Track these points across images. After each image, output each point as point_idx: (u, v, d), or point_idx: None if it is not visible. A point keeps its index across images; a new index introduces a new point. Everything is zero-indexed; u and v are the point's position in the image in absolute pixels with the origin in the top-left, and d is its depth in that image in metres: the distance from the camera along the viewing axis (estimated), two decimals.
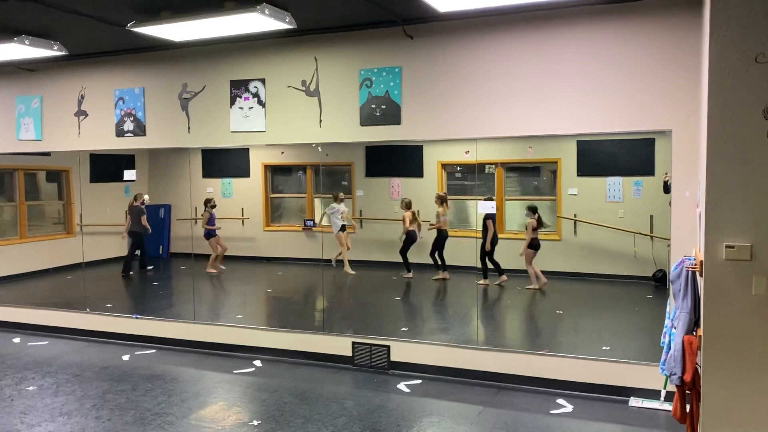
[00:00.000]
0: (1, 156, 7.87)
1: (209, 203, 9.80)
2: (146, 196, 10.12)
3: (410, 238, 8.93)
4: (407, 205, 8.90)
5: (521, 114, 5.31)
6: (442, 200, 8.83)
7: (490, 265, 8.32)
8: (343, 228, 9.31)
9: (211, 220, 9.76)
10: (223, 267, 9.95)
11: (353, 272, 9.24)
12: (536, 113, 5.26)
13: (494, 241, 8.28)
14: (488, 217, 8.14)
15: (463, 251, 8.54)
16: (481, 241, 8.09)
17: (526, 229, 8.21)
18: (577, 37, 5.12)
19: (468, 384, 5.48)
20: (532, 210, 8.22)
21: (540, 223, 8.20)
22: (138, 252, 9.93)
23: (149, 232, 9.78)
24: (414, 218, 8.91)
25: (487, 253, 8.23)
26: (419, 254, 9.06)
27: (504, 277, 8.48)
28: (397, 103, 5.74)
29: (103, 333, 7.11)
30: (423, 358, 5.76)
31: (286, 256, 9.94)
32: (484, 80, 5.43)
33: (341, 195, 9.48)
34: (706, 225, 3.29)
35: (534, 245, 8.15)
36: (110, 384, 5.57)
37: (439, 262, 8.88)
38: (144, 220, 9.70)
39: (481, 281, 8.24)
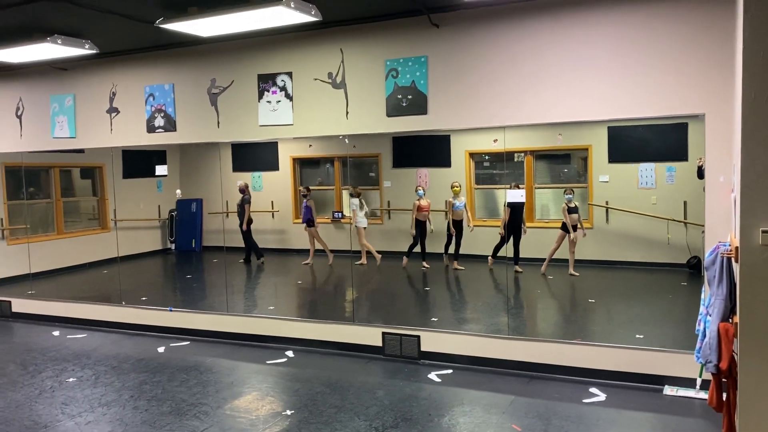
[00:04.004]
0: (37, 154, 8.07)
1: (301, 192, 9.93)
2: (178, 191, 10.27)
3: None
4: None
5: (550, 100, 5.25)
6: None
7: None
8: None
9: (305, 210, 9.77)
10: (308, 261, 9.83)
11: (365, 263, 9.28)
12: (566, 99, 5.20)
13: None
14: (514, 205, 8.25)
15: (492, 241, 8.50)
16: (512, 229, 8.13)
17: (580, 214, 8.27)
18: (606, 21, 5.04)
19: (499, 374, 5.47)
20: (572, 192, 8.31)
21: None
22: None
23: (244, 226, 9.82)
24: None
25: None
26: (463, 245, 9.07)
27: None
28: (423, 93, 5.72)
29: (139, 325, 7.26)
30: (453, 348, 5.76)
31: (316, 248, 9.99)
32: (511, 67, 5.38)
33: (358, 189, 9.43)
34: (742, 210, 3.21)
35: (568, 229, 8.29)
36: (147, 375, 5.70)
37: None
38: (246, 209, 9.78)
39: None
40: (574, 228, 8.19)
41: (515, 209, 8.26)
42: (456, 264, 8.90)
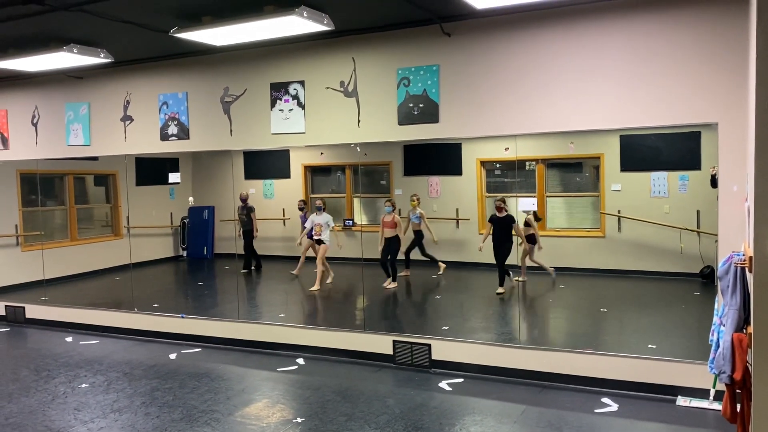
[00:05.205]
0: (52, 161, 8.15)
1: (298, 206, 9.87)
2: (191, 198, 10.32)
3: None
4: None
5: (562, 109, 5.25)
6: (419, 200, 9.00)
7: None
8: (320, 241, 8.87)
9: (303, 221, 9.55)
10: (294, 272, 9.65)
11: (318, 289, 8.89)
12: (578, 108, 5.19)
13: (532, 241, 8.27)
14: (511, 220, 7.93)
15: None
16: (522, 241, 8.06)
17: (528, 225, 8.15)
18: (618, 29, 5.03)
19: (510, 383, 5.45)
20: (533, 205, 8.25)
21: (536, 218, 8.33)
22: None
23: (256, 233, 9.82)
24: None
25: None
26: (460, 254, 9.05)
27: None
28: (435, 102, 5.74)
29: (151, 332, 7.29)
30: (464, 357, 5.74)
31: (327, 256, 10.00)
32: (523, 76, 5.39)
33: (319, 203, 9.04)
34: (756, 219, 3.19)
35: (531, 240, 8.25)
36: (158, 382, 5.72)
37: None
38: (252, 218, 9.77)
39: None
40: (529, 239, 8.12)
41: (497, 225, 7.89)
42: (441, 267, 8.91)
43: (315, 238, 8.88)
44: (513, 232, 7.88)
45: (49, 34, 5.73)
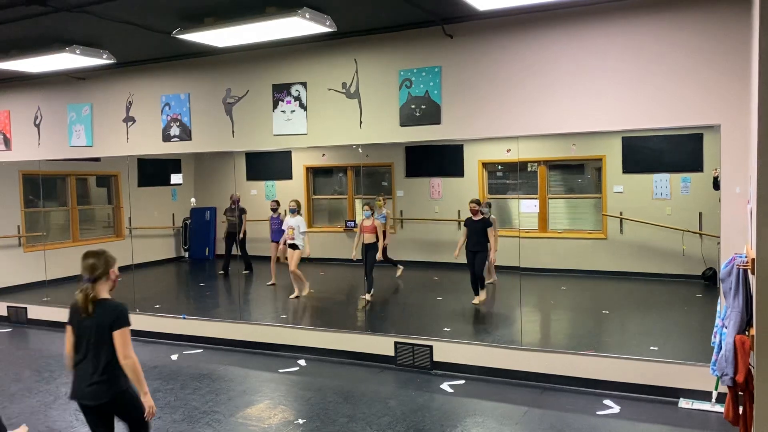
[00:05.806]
0: (54, 162, 8.16)
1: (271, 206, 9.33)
2: (193, 199, 10.31)
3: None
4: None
5: (564, 111, 5.25)
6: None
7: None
8: (294, 246, 8.27)
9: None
10: (271, 282, 9.30)
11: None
12: (580, 110, 5.19)
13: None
14: (486, 224, 7.48)
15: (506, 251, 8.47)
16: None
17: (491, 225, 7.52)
18: (620, 31, 5.03)
19: (512, 384, 5.44)
20: (489, 206, 7.81)
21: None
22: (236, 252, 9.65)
23: (240, 235, 9.54)
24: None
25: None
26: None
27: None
28: (437, 103, 5.74)
29: (152, 333, 7.29)
30: (466, 359, 5.73)
31: (328, 257, 10.00)
32: (525, 77, 5.38)
33: (293, 204, 8.42)
34: (758, 221, 3.18)
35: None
36: (160, 383, 5.72)
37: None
38: (243, 219, 9.54)
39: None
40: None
41: (471, 229, 7.48)
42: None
43: (288, 242, 8.29)
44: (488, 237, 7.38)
45: (52, 35, 5.74)
